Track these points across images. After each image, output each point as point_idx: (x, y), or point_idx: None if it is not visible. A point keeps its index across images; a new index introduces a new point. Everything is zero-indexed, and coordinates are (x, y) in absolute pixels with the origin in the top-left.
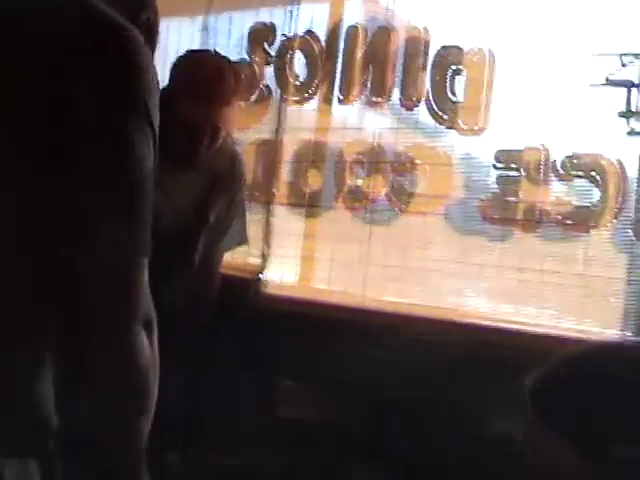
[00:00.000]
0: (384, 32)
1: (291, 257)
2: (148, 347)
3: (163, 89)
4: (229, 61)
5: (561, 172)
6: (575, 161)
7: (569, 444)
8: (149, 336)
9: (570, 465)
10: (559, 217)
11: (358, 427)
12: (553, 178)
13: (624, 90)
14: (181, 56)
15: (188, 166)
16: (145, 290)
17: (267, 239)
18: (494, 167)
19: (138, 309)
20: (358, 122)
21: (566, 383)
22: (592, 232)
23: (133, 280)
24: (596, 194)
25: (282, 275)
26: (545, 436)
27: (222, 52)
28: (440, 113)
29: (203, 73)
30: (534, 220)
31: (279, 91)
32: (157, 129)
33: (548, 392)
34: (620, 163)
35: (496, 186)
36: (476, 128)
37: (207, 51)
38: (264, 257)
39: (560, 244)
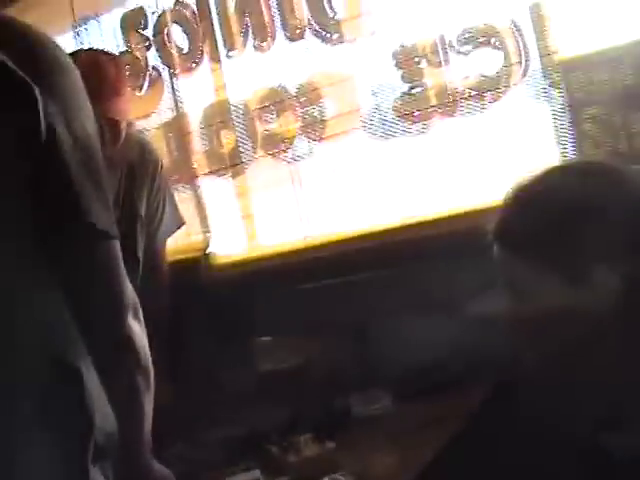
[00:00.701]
0: None
1: (231, 221)
2: (140, 332)
3: None
4: (103, 51)
5: (459, 48)
6: (469, 34)
7: (547, 270)
8: (138, 321)
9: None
10: (472, 91)
11: (346, 362)
12: (454, 56)
13: None
14: None
15: None
16: (125, 275)
17: (202, 213)
18: (397, 67)
19: (127, 296)
20: (252, 70)
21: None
22: (507, 94)
23: (116, 267)
24: (499, 57)
25: (229, 241)
26: (522, 272)
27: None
28: (325, 33)
29: (81, 71)
30: (450, 102)
31: (167, 68)
32: None
33: (515, 227)
34: (512, 21)
35: (403, 83)
36: (366, 35)
37: (78, 50)
38: (205, 231)
39: (482, 115)
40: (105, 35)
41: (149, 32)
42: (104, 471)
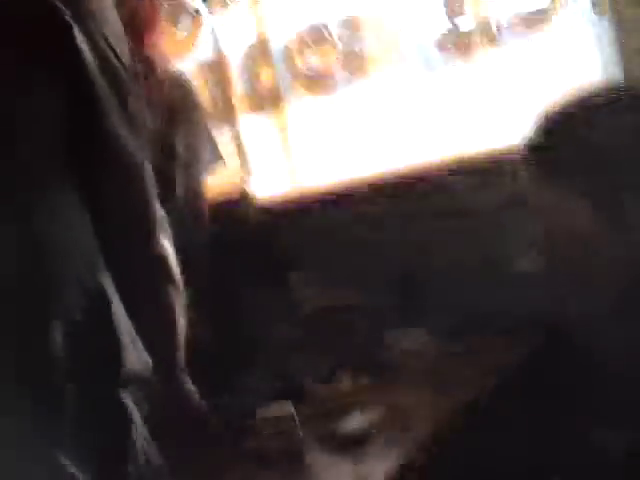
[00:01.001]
0: None
1: (272, 160)
2: (170, 248)
3: None
4: None
5: None
6: None
7: (579, 195)
8: (167, 238)
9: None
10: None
11: (388, 300)
12: None
13: None
14: None
15: None
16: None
17: (242, 152)
18: None
19: (158, 214)
20: (292, 5)
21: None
22: (553, 23)
23: (147, 186)
24: None
25: (270, 181)
26: (551, 193)
27: None
28: None
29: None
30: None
31: (206, 8)
32: None
33: (548, 152)
34: None
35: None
36: None
37: None
38: (246, 170)
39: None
40: None
41: None
42: (134, 396)
